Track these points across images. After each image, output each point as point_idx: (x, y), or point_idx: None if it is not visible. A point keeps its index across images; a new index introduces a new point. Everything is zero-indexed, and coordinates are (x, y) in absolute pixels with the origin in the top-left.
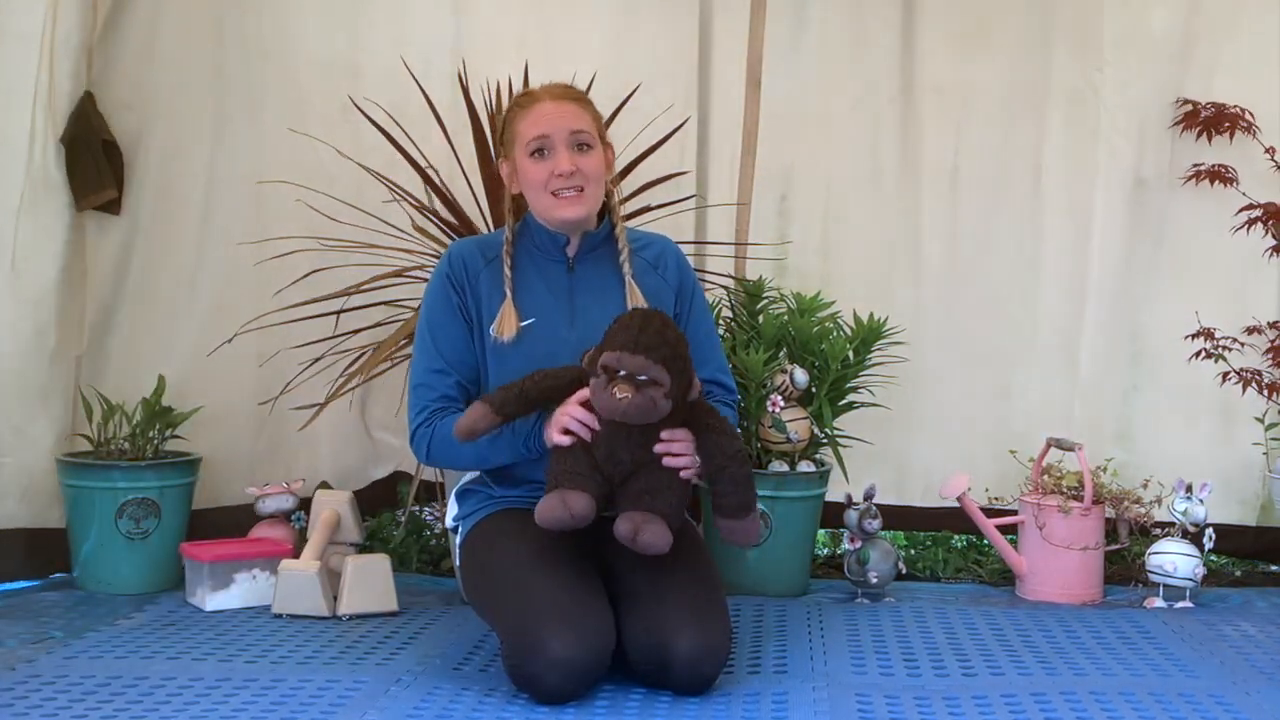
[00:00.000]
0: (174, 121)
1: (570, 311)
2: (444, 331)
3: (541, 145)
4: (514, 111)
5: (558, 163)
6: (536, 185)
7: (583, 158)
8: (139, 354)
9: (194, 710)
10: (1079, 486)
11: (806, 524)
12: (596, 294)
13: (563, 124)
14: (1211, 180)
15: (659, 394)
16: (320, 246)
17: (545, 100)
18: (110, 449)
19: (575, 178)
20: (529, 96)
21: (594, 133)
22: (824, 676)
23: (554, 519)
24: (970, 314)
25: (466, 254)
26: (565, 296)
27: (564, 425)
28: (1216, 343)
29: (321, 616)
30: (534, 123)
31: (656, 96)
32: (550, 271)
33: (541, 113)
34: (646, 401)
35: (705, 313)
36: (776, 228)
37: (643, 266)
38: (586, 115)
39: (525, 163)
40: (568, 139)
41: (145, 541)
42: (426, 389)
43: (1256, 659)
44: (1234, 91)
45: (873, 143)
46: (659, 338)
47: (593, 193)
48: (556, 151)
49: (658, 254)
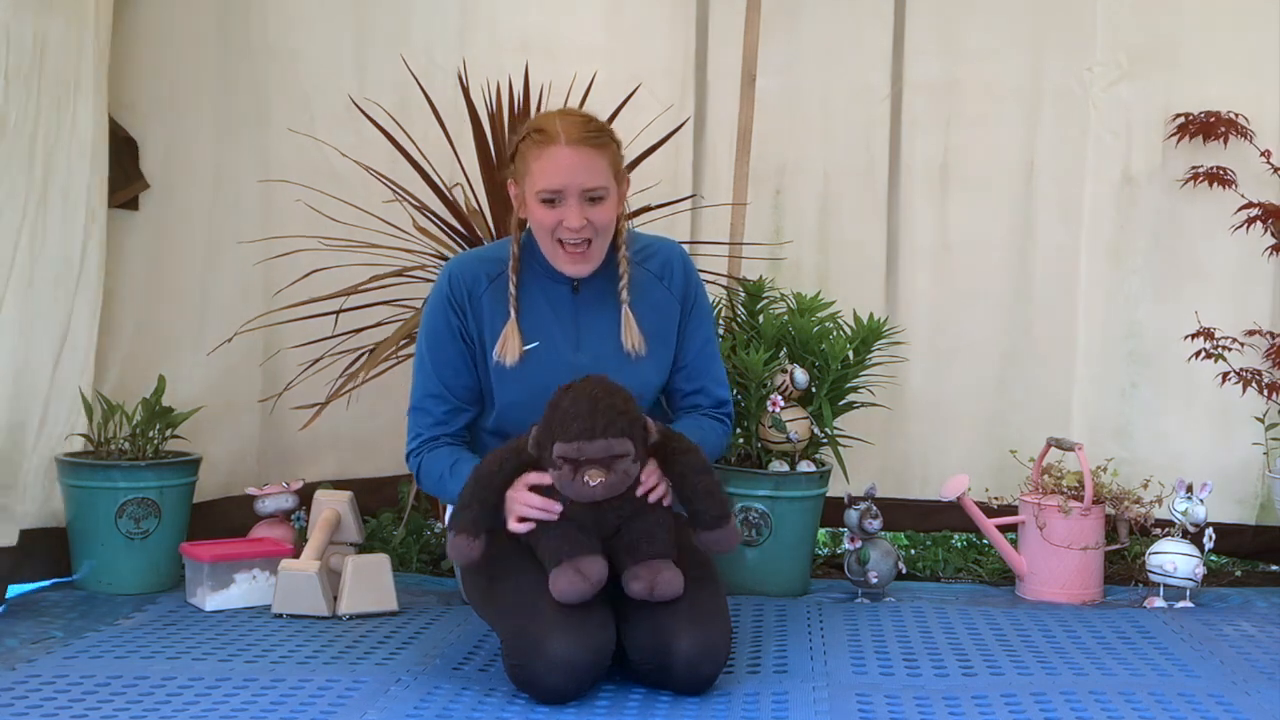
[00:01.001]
0: (176, 121)
1: (575, 334)
2: (442, 355)
3: (553, 197)
4: (528, 144)
5: (568, 216)
6: (544, 230)
7: (594, 210)
8: (139, 354)
9: (194, 710)
10: (1079, 486)
11: (806, 524)
12: (602, 317)
13: (576, 180)
14: (1211, 183)
15: (627, 463)
16: (321, 246)
17: (562, 144)
18: (110, 449)
19: (585, 231)
20: (545, 135)
21: (609, 180)
22: (824, 676)
23: (576, 592)
24: (969, 313)
25: (468, 273)
26: (570, 319)
27: (520, 515)
28: (1216, 343)
29: (321, 616)
30: (548, 172)
31: (655, 96)
32: (555, 293)
33: (557, 163)
34: (619, 477)
35: (705, 322)
36: (772, 225)
37: (647, 279)
38: (603, 162)
39: (534, 204)
40: (581, 193)
41: (145, 541)
42: (423, 413)
43: (1256, 659)
44: (1225, 91)
45: (866, 140)
46: (611, 412)
47: (600, 245)
48: (568, 204)
49: (663, 263)
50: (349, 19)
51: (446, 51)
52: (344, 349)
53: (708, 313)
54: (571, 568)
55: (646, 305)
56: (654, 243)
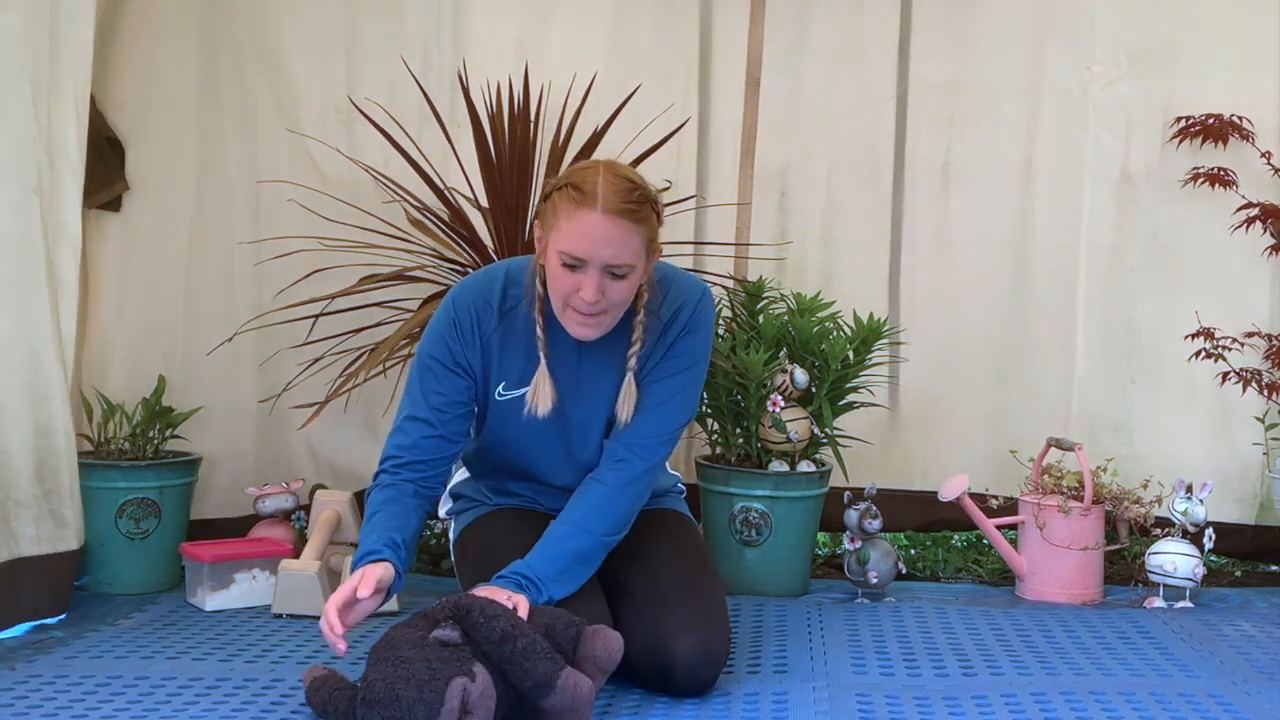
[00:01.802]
0: (173, 121)
1: (575, 385)
2: (435, 382)
3: (575, 263)
4: (562, 197)
5: (585, 288)
6: (558, 292)
7: (614, 285)
8: (139, 354)
9: (194, 710)
10: (1079, 486)
11: (806, 524)
12: (602, 373)
13: (603, 254)
14: (1212, 184)
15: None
16: (320, 246)
17: (597, 211)
18: (110, 449)
19: (598, 305)
20: (582, 195)
21: (639, 258)
22: (824, 676)
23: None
24: (969, 312)
25: (478, 306)
26: (573, 368)
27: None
28: (1217, 343)
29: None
30: (576, 236)
31: (656, 97)
32: (560, 337)
33: (588, 229)
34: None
35: (678, 375)
36: (776, 227)
37: (653, 326)
38: (637, 239)
39: (554, 263)
40: (604, 267)
41: (145, 541)
42: (402, 434)
43: (1256, 659)
44: (1224, 91)
45: (871, 141)
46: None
47: (612, 318)
48: (588, 274)
49: (674, 310)
50: (340, 21)
51: (442, 53)
52: (343, 349)
53: (688, 369)
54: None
55: (642, 355)
56: (679, 291)
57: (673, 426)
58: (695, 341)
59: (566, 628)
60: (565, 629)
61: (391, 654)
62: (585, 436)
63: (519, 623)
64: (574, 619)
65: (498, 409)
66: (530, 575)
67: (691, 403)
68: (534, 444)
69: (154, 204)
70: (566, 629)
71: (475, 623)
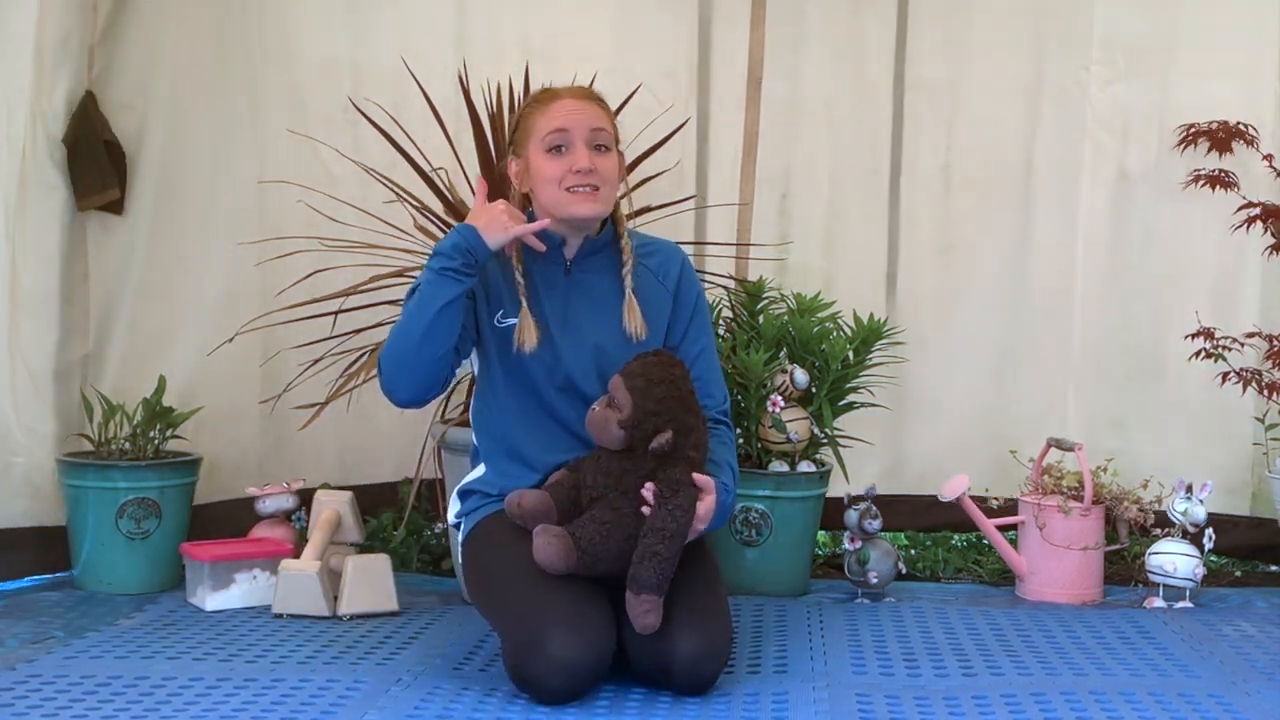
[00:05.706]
0: (175, 122)
1: (563, 316)
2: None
3: (560, 141)
4: (531, 108)
5: (576, 159)
6: (551, 181)
7: (600, 158)
8: (139, 354)
9: (194, 710)
10: (1079, 487)
11: (806, 524)
12: (592, 301)
13: (584, 120)
14: (1213, 186)
15: (614, 416)
16: (322, 247)
17: (566, 98)
18: (111, 449)
19: (592, 176)
20: (549, 94)
21: (613, 131)
22: (824, 676)
23: (553, 555)
24: (968, 311)
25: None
26: (560, 300)
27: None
28: (1216, 343)
29: (321, 616)
30: (554, 117)
31: (657, 96)
32: (548, 273)
33: (563, 108)
34: (598, 417)
35: (703, 331)
36: (777, 227)
37: (644, 274)
38: (606, 118)
39: (540, 158)
40: (588, 136)
41: (145, 541)
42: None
43: (1256, 659)
44: (1222, 91)
45: (872, 142)
46: (654, 373)
47: (607, 194)
48: (575, 148)
49: (661, 263)
50: (345, 21)
51: (444, 54)
52: (344, 349)
53: (706, 322)
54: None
55: (642, 298)
56: (655, 241)
57: (719, 365)
58: (697, 286)
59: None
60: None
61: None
62: (578, 363)
63: (676, 538)
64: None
65: (499, 339)
66: (730, 500)
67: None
68: (537, 368)
69: (156, 205)
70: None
71: (664, 496)
